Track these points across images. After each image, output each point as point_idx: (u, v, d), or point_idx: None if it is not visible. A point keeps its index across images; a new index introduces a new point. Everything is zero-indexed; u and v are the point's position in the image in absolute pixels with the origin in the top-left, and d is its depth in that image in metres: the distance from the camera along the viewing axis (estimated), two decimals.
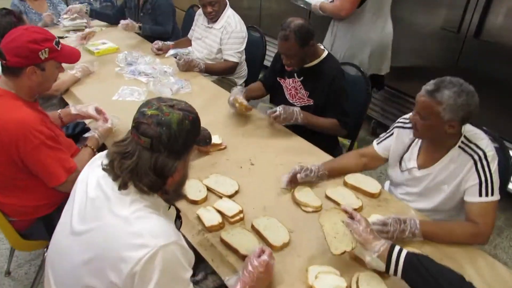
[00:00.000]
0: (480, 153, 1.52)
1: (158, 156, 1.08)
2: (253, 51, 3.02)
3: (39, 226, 1.74)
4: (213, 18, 2.83)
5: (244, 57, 2.98)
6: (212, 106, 2.34)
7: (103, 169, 1.14)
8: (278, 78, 2.35)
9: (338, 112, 2.13)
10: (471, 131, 1.58)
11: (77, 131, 2.38)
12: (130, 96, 2.39)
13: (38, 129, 1.54)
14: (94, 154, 1.78)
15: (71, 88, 2.46)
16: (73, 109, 2.00)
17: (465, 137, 1.56)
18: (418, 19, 2.95)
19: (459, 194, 1.59)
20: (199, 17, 3.01)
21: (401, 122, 1.78)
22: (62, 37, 3.21)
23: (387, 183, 2.02)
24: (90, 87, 2.50)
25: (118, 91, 2.43)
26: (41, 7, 3.48)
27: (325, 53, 2.16)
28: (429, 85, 1.51)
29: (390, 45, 2.89)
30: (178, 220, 1.33)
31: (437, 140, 1.61)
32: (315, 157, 1.92)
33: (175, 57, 2.80)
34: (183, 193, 1.23)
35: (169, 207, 1.24)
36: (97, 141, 1.89)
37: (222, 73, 2.93)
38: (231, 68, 2.88)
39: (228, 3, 2.87)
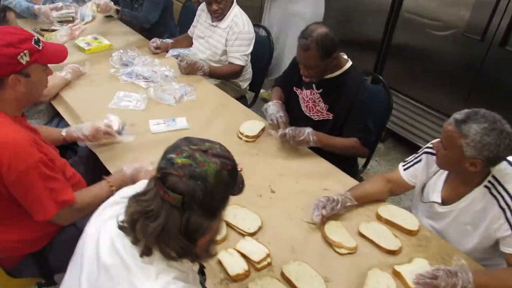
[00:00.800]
0: (508, 199, 1.36)
1: (189, 215, 0.87)
2: (259, 51, 2.78)
3: (30, 263, 1.50)
4: (218, 16, 2.58)
5: (249, 58, 2.74)
6: (220, 117, 2.12)
7: (120, 227, 0.92)
8: (294, 88, 2.14)
9: (359, 129, 1.94)
10: (503, 170, 1.41)
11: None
12: (128, 104, 2.14)
13: (27, 151, 1.29)
14: (111, 195, 1.52)
15: (60, 93, 2.19)
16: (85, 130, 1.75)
17: (493, 176, 1.40)
18: (437, 21, 2.76)
19: (489, 240, 1.44)
20: (202, 13, 2.75)
21: (430, 148, 1.60)
22: (47, 30, 2.91)
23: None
24: (82, 91, 2.24)
25: (114, 98, 2.18)
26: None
27: (348, 63, 1.96)
28: (459, 114, 1.35)
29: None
30: (202, 276, 1.13)
31: (460, 174, 1.45)
32: (338, 180, 1.75)
33: (176, 58, 2.55)
34: (215, 252, 1.02)
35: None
36: (123, 181, 1.52)
37: (227, 77, 2.69)
38: (237, 72, 2.65)
39: (235, 1, 2.62)
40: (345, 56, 1.99)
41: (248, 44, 2.61)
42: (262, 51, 2.80)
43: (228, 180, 0.92)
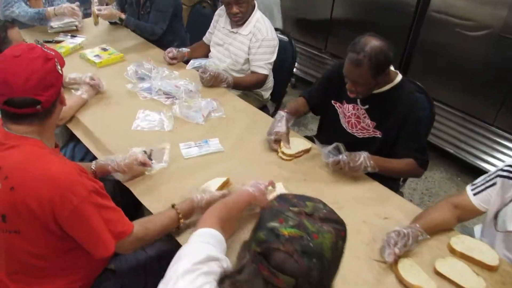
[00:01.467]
0: None
1: None
2: (280, 58, 2.60)
3: None
4: (238, 21, 2.39)
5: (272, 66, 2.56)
6: (253, 134, 1.94)
7: None
8: (333, 101, 1.97)
9: (415, 149, 1.78)
10: None
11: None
12: (153, 125, 1.95)
13: (79, 183, 1.13)
14: (178, 225, 1.35)
15: (76, 114, 1.99)
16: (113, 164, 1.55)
17: None
18: (469, 20, 2.61)
19: None
20: (220, 19, 2.56)
21: (506, 171, 1.44)
22: (50, 41, 2.70)
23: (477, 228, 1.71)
24: (99, 111, 2.04)
25: (136, 117, 1.99)
26: (37, 5, 2.92)
27: (399, 77, 1.79)
28: None
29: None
30: None
31: None
32: (397, 206, 1.60)
33: (197, 70, 2.35)
34: None
35: None
36: (193, 211, 1.38)
37: (251, 88, 2.51)
38: (261, 82, 2.47)
39: (256, 4, 2.43)
40: (392, 67, 1.82)
41: (272, 52, 2.42)
42: (284, 57, 2.61)
43: (343, 250, 0.75)
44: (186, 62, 2.50)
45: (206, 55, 2.73)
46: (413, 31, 2.95)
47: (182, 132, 1.93)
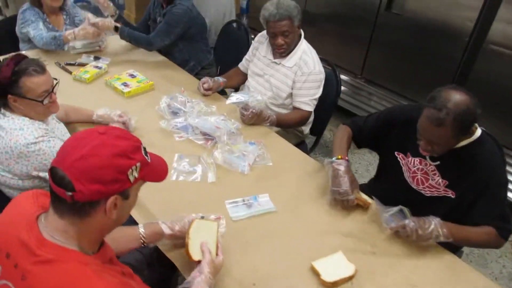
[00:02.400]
0: None
1: None
2: (323, 89, 2.36)
3: None
4: (283, 52, 2.17)
5: None
6: (307, 191, 1.71)
7: None
8: (395, 153, 1.74)
9: (496, 216, 1.54)
10: None
11: None
12: (194, 175, 1.72)
13: None
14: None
15: None
16: (166, 228, 1.34)
17: None
18: None
19: None
20: (260, 46, 2.33)
21: None
22: (73, 64, 2.47)
23: None
24: None
25: (173, 164, 1.76)
26: (59, 23, 2.70)
27: (478, 131, 1.56)
28: None
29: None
30: None
31: None
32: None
33: (237, 105, 2.13)
34: None
35: None
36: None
37: (294, 126, 2.29)
38: (305, 120, 2.24)
39: (303, 34, 2.21)
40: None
41: (318, 86, 2.20)
42: (327, 89, 2.38)
43: None
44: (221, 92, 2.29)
45: (241, 83, 2.51)
46: (463, 62, 2.72)
47: (225, 183, 1.70)
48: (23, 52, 2.31)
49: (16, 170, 1.52)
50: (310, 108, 2.21)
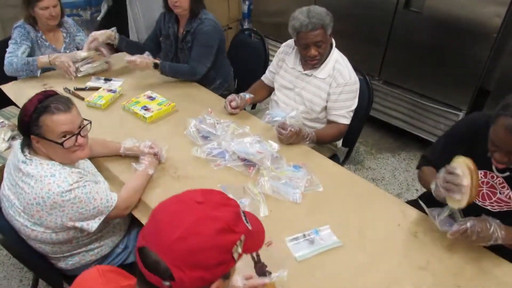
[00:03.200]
0: None
1: None
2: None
3: None
4: (316, 63, 2.02)
5: None
6: (365, 211, 1.57)
7: None
8: None
9: None
10: None
11: None
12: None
13: None
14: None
15: (141, 196, 1.59)
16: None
17: None
18: None
19: None
20: (287, 58, 2.17)
21: None
22: (83, 89, 2.28)
23: None
24: (169, 189, 1.63)
25: None
26: (57, 40, 2.50)
27: None
28: None
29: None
30: None
31: None
32: None
33: (271, 124, 1.97)
34: None
35: None
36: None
37: (332, 141, 2.14)
38: (343, 133, 2.10)
39: (334, 42, 2.06)
40: None
41: (354, 97, 2.06)
42: (360, 97, 2.23)
43: None
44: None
45: (267, 97, 2.36)
46: (490, 60, 2.61)
47: (279, 216, 1.54)
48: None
49: (50, 222, 1.34)
50: (347, 121, 2.06)
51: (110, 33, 2.42)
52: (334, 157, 2.32)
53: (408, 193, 2.84)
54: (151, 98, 2.16)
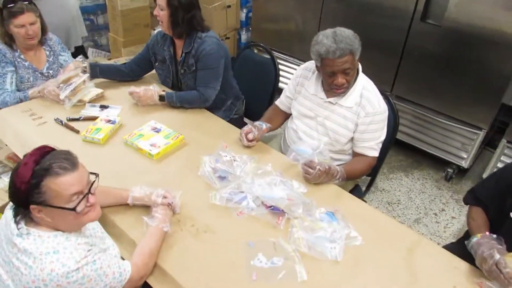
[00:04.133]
0: None
1: None
2: None
3: None
4: (343, 92, 1.81)
5: None
6: (429, 275, 1.38)
7: None
8: (511, 214, 1.44)
9: None
10: None
11: None
12: (277, 273, 1.34)
13: None
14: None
15: (158, 261, 1.36)
16: None
17: None
18: None
19: None
20: (306, 83, 1.96)
21: None
22: (77, 119, 2.03)
23: None
24: (184, 249, 1.41)
25: (251, 262, 1.37)
26: (39, 60, 2.26)
27: None
28: None
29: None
30: None
31: None
32: None
33: (296, 161, 1.76)
34: None
35: None
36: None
37: (361, 176, 1.94)
38: (372, 167, 1.90)
39: (360, 67, 1.86)
40: None
41: (383, 127, 1.86)
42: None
43: None
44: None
45: (283, 123, 2.15)
46: None
47: (320, 279, 1.33)
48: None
49: None
50: (376, 153, 1.87)
51: (79, 63, 2.18)
52: (355, 188, 2.13)
53: (427, 218, 2.68)
54: (156, 130, 1.92)
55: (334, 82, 1.76)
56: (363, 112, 1.81)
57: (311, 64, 1.96)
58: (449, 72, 2.68)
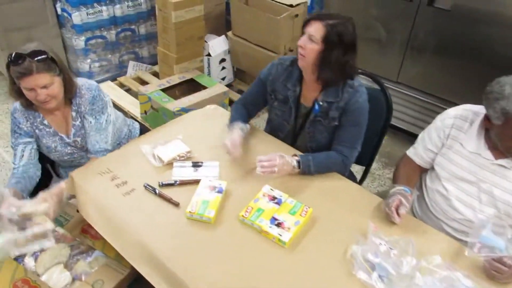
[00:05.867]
0: None
1: None
2: None
3: None
4: None
5: None
6: None
7: None
8: None
9: None
10: None
11: None
12: None
13: None
14: None
15: None
16: None
17: None
18: None
19: None
20: (462, 136, 1.55)
21: None
22: (171, 184, 1.62)
23: None
24: None
25: None
26: (66, 124, 1.80)
27: None
28: None
29: None
30: None
31: None
32: None
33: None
34: None
35: None
36: None
37: None
38: None
39: None
40: None
41: None
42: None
43: None
44: None
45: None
46: None
47: None
48: None
49: None
50: None
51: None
52: None
53: None
54: (275, 201, 1.51)
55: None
56: None
57: (465, 112, 1.56)
58: (458, 58, 2.58)
